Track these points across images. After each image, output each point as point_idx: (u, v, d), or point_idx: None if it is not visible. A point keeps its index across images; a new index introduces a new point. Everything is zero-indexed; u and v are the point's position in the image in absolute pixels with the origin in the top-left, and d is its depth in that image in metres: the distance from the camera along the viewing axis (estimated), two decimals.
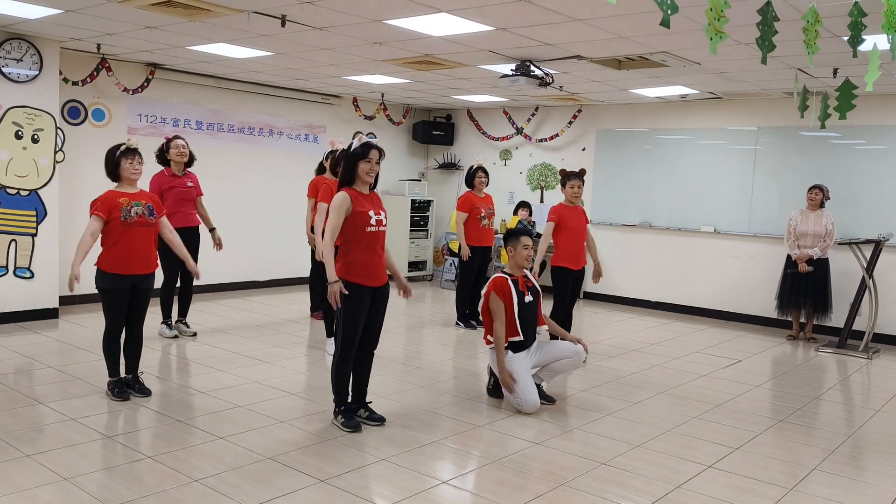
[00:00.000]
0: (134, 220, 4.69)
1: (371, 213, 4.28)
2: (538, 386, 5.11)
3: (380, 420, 4.54)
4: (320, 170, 7.39)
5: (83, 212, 7.75)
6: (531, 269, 5.63)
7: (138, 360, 5.01)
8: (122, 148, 4.79)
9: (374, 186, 4.43)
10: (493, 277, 5.09)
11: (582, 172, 6.45)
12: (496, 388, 5.20)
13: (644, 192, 9.66)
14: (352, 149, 4.30)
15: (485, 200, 7.81)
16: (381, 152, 4.34)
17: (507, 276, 5.05)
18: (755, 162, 8.77)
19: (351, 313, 4.26)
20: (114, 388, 4.86)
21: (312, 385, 5.48)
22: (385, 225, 4.38)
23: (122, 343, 4.91)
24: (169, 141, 6.60)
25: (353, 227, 4.24)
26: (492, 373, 5.22)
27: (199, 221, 6.74)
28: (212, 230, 6.80)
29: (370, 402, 4.62)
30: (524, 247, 5.07)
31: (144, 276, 4.82)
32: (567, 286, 6.40)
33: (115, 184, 4.83)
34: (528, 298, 5.05)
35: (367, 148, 4.27)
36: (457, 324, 7.87)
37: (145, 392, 4.93)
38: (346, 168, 4.31)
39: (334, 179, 5.80)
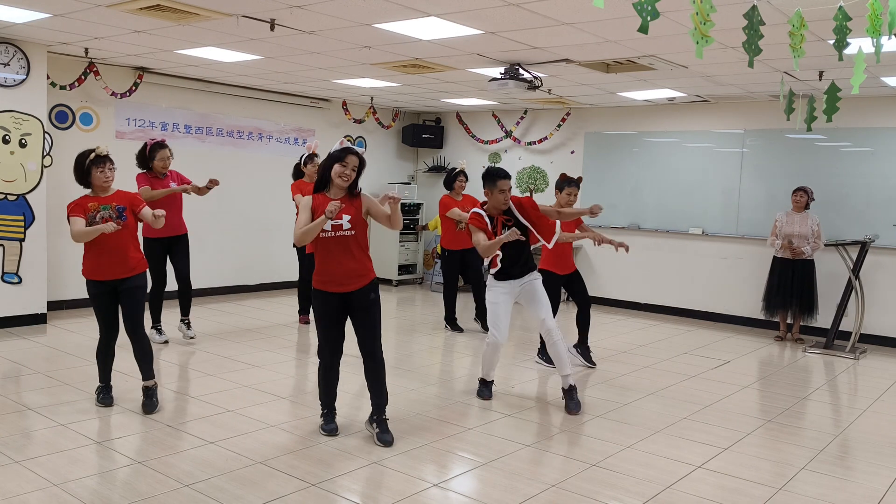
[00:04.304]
0: (99, 223, 4.44)
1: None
2: (587, 350, 5.48)
3: (385, 443, 4.23)
4: (297, 174, 7.37)
5: None
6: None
7: (149, 364, 4.71)
8: (92, 156, 4.54)
9: (355, 190, 4.22)
10: (470, 212, 5.09)
11: (579, 180, 6.29)
12: (485, 389, 5.29)
13: (632, 195, 9.71)
14: (332, 151, 4.21)
15: (462, 203, 7.69)
16: (360, 160, 4.16)
17: (483, 216, 5.01)
18: (742, 164, 8.83)
19: (317, 317, 4.28)
20: (98, 393, 4.83)
21: (303, 389, 5.48)
22: (347, 229, 4.11)
23: (119, 351, 4.86)
24: (152, 149, 6.30)
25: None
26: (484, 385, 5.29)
27: (186, 229, 6.62)
28: (206, 188, 6.47)
29: (387, 419, 4.34)
30: (500, 191, 4.96)
31: (124, 279, 4.62)
32: (555, 290, 6.16)
33: (88, 191, 4.65)
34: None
35: (344, 152, 4.14)
36: (445, 327, 7.88)
37: (151, 407, 4.67)
38: (321, 170, 4.20)
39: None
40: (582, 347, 6.42)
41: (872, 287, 7.77)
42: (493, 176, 4.99)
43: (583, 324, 6.42)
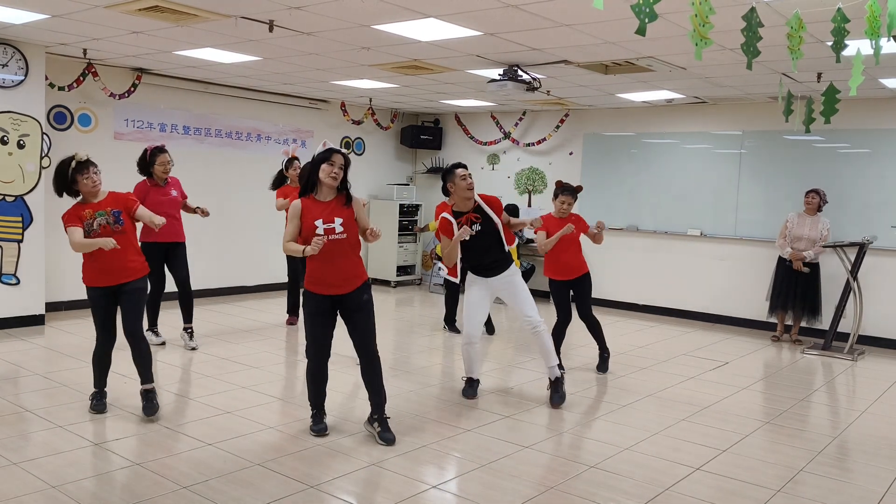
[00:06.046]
0: (98, 232, 4.38)
1: (318, 222, 4.07)
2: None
3: (387, 441, 4.28)
4: (280, 180, 7.37)
5: None
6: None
7: (148, 367, 4.63)
8: (73, 165, 4.40)
9: (344, 191, 4.21)
10: (440, 217, 5.08)
11: (578, 189, 6.04)
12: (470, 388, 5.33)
13: (631, 196, 9.71)
14: (316, 153, 4.20)
15: None
16: (345, 158, 4.18)
17: (450, 218, 5.03)
18: (740, 166, 8.84)
19: (307, 319, 4.26)
20: (93, 399, 4.71)
21: (301, 390, 5.46)
22: (339, 233, 4.10)
23: (117, 355, 4.76)
24: (152, 153, 6.26)
25: (304, 236, 4.13)
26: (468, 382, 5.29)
27: (185, 237, 6.55)
28: (195, 209, 6.49)
29: (388, 418, 4.38)
30: (461, 178, 4.98)
31: (125, 283, 4.55)
32: (563, 297, 6.09)
33: (79, 198, 4.53)
34: (476, 227, 5.00)
35: (329, 152, 4.16)
36: (444, 327, 7.88)
37: (151, 410, 4.57)
38: (309, 173, 4.19)
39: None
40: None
41: (870, 288, 7.77)
42: (447, 171, 5.06)
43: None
